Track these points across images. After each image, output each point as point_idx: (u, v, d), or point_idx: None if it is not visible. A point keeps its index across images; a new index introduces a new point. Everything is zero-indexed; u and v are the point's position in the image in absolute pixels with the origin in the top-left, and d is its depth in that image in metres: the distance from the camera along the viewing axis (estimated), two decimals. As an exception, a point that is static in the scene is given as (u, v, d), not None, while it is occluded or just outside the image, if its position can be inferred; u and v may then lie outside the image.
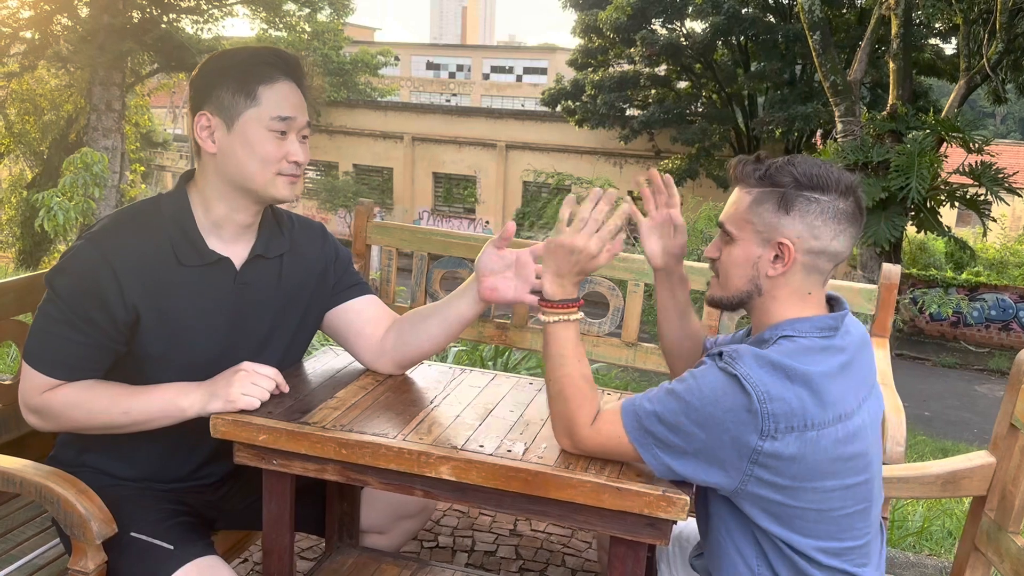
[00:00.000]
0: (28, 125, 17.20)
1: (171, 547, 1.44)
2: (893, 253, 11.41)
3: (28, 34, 15.49)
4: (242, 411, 1.41)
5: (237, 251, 1.55)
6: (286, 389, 1.49)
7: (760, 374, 1.21)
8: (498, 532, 2.60)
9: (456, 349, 3.99)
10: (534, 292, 1.54)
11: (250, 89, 1.46)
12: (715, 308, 1.45)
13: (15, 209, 16.80)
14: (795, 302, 1.32)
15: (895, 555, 2.69)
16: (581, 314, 1.39)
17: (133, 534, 1.46)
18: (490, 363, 3.95)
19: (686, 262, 2.38)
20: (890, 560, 2.64)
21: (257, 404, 1.42)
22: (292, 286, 1.62)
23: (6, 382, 1.84)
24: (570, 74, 22.16)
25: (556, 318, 1.37)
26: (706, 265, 1.63)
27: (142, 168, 18.24)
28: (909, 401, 1.92)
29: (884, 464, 1.78)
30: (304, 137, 1.53)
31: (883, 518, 1.68)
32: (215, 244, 1.53)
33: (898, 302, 11.91)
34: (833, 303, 1.38)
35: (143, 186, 17.67)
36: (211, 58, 1.52)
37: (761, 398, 1.19)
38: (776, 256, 1.30)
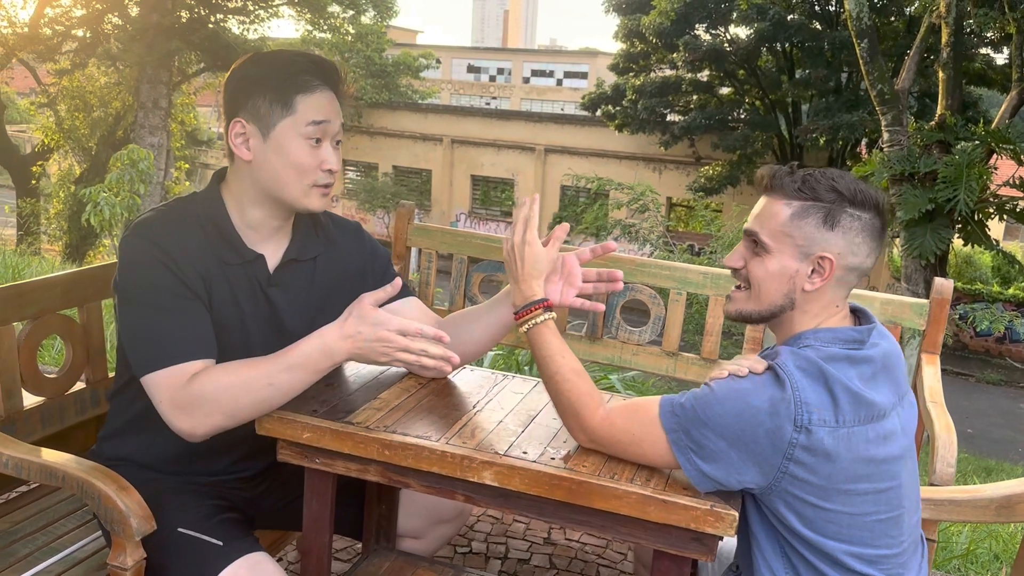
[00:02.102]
0: (78, 121, 17.59)
1: (220, 543, 1.44)
2: (939, 266, 11.17)
3: (80, 32, 15.85)
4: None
5: (271, 251, 1.56)
6: (446, 338, 1.38)
7: (794, 367, 1.22)
8: (532, 540, 2.58)
9: (492, 353, 3.98)
10: (581, 296, 1.53)
11: (287, 99, 1.44)
12: (742, 322, 1.44)
13: (63, 203, 17.19)
14: (823, 315, 1.33)
15: (940, 577, 2.62)
16: (550, 313, 1.42)
17: (180, 530, 1.47)
18: (526, 368, 3.93)
19: (711, 268, 2.37)
20: (935, 582, 2.58)
21: (417, 360, 1.37)
22: (326, 288, 1.62)
23: (51, 376, 1.86)
24: (611, 79, 22.08)
25: (526, 325, 1.42)
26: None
27: (186, 165, 18.56)
28: (952, 418, 1.87)
29: (933, 485, 1.74)
30: (338, 142, 1.52)
31: (930, 540, 1.63)
32: (251, 242, 1.54)
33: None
34: (860, 316, 1.37)
35: (187, 183, 17.95)
36: (245, 62, 1.51)
37: (795, 386, 1.20)
38: (814, 271, 1.29)
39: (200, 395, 1.38)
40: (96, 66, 16.81)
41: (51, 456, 1.46)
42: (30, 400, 1.82)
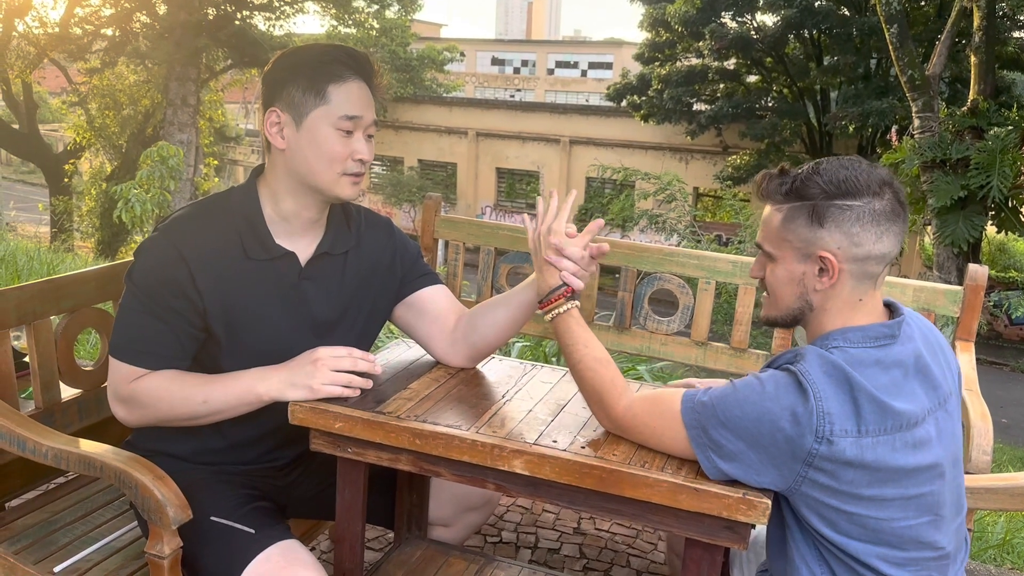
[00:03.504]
0: (108, 119, 17.84)
1: (252, 531, 1.47)
2: (972, 254, 11.00)
3: (109, 31, 16.05)
4: (323, 399, 1.42)
5: (303, 246, 1.57)
6: (377, 370, 1.48)
7: (819, 373, 1.19)
8: (561, 530, 2.58)
9: (520, 344, 3.98)
10: None
11: (320, 88, 1.47)
12: (771, 327, 1.43)
13: (95, 200, 17.44)
14: (847, 311, 1.28)
15: (975, 568, 2.58)
16: (574, 301, 1.43)
17: (213, 518, 1.49)
18: (553, 359, 3.93)
19: (740, 256, 2.35)
20: (970, 572, 2.54)
21: (339, 392, 1.43)
22: (357, 281, 1.64)
23: (87, 368, 1.89)
24: (636, 69, 21.95)
25: (551, 313, 1.43)
26: None
27: (215, 162, 18.74)
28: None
29: (969, 473, 1.71)
30: (370, 136, 1.53)
31: (967, 529, 1.61)
32: (282, 238, 1.55)
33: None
34: (892, 310, 1.32)
35: (216, 179, 18.13)
36: (284, 54, 1.54)
37: (818, 395, 1.17)
38: (821, 270, 1.27)
39: (141, 395, 1.49)
40: (125, 64, 17.02)
41: (89, 447, 1.49)
42: (68, 392, 1.86)
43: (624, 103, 21.28)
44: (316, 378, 1.43)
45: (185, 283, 1.46)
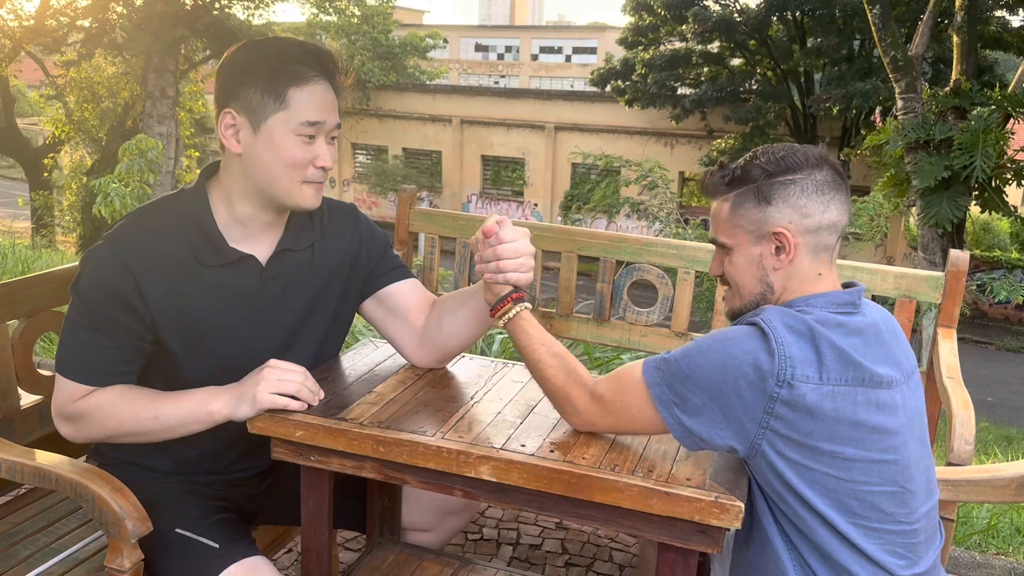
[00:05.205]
0: (87, 112, 17.60)
1: (216, 545, 1.42)
2: (956, 234, 11.02)
3: (85, 23, 15.82)
4: (271, 411, 1.37)
5: (263, 245, 1.51)
6: (320, 394, 1.42)
7: (780, 324, 1.20)
8: (544, 525, 2.55)
9: (502, 337, 3.94)
10: None
11: (279, 91, 1.38)
12: (735, 319, 1.40)
13: (76, 195, 17.25)
14: (807, 284, 1.31)
15: (960, 555, 2.57)
16: (523, 304, 1.41)
17: (178, 531, 1.45)
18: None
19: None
20: (955, 560, 2.53)
21: (284, 404, 1.37)
22: (325, 275, 1.57)
23: (48, 374, 1.84)
24: (620, 53, 21.84)
25: (502, 320, 1.41)
26: None
27: (197, 154, 18.54)
28: (971, 386, 1.81)
29: (951, 463, 1.69)
30: (333, 138, 1.46)
31: (948, 519, 1.59)
32: (238, 241, 1.48)
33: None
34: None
35: (198, 171, 17.95)
36: (239, 49, 1.44)
37: (779, 340, 1.18)
38: (777, 247, 1.29)
39: (88, 412, 1.43)
40: (103, 56, 16.79)
41: (45, 458, 1.44)
42: (28, 399, 1.80)
43: (608, 88, 21.18)
44: (260, 388, 1.37)
45: (131, 296, 1.39)
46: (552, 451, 1.28)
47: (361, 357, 1.66)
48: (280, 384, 1.37)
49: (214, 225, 1.46)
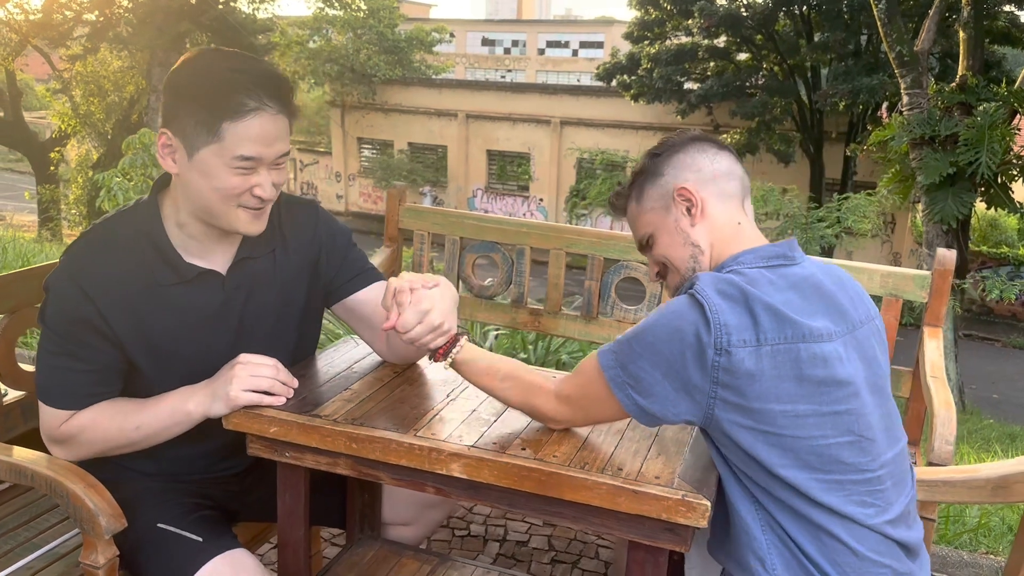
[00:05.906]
0: (93, 106, 17.68)
1: (199, 539, 1.43)
2: (961, 231, 10.97)
3: (91, 17, 15.86)
4: (246, 407, 1.37)
5: (222, 256, 1.48)
6: (294, 384, 1.43)
7: (712, 291, 1.21)
8: (531, 522, 2.55)
9: (496, 332, 3.95)
10: None
11: (213, 124, 1.30)
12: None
13: (82, 189, 17.32)
14: (734, 241, 1.33)
15: (948, 554, 2.56)
16: (461, 341, 1.40)
17: (160, 525, 1.46)
18: (531, 347, 3.89)
19: None
20: (943, 559, 2.52)
21: (258, 400, 1.37)
22: (289, 279, 1.55)
23: (30, 370, 1.84)
24: (626, 48, 21.76)
25: (446, 363, 1.41)
26: None
27: (202, 147, 18.59)
28: (977, 383, 1.80)
29: (932, 463, 1.68)
30: (279, 165, 1.39)
31: (929, 519, 1.58)
32: (195, 255, 1.45)
33: (962, 284, 11.45)
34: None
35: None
36: (180, 71, 1.37)
37: (713, 308, 1.19)
38: (688, 207, 1.34)
39: (76, 433, 1.44)
40: (108, 50, 16.84)
41: (21, 455, 1.44)
42: (11, 394, 1.81)
43: (614, 83, 21.10)
44: (232, 386, 1.37)
45: (95, 321, 1.39)
46: (523, 449, 1.28)
47: (340, 354, 1.67)
48: (253, 380, 1.37)
49: (167, 241, 1.43)
